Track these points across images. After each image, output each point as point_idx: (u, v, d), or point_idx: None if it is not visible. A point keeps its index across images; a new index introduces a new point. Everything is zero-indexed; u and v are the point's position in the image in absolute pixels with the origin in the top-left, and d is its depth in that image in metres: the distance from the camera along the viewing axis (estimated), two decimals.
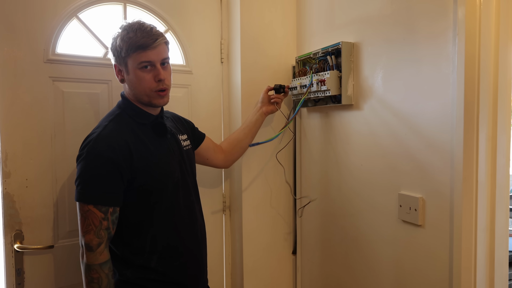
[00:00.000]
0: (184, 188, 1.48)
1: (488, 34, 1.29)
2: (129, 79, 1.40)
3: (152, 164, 1.37)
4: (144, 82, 1.37)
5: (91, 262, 1.28)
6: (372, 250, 1.64)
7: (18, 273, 1.63)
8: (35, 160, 1.66)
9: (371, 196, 1.63)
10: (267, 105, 1.89)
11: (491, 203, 1.33)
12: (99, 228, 1.28)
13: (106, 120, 1.40)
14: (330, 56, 1.73)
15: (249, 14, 1.99)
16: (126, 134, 1.36)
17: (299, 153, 2.10)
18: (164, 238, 1.41)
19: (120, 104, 1.47)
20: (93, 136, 1.33)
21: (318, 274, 1.99)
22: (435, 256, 1.37)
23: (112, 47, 1.40)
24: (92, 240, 1.28)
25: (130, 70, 1.37)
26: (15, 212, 1.62)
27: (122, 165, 1.30)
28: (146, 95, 1.39)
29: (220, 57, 2.09)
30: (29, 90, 1.64)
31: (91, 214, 1.28)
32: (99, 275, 1.28)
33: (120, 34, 1.37)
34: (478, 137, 1.28)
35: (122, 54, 1.36)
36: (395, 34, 1.50)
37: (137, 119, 1.42)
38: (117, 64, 1.41)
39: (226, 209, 2.14)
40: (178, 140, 1.54)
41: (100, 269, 1.28)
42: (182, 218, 1.46)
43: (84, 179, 1.30)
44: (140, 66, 1.35)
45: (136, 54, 1.34)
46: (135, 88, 1.39)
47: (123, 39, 1.35)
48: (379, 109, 1.58)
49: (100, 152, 1.29)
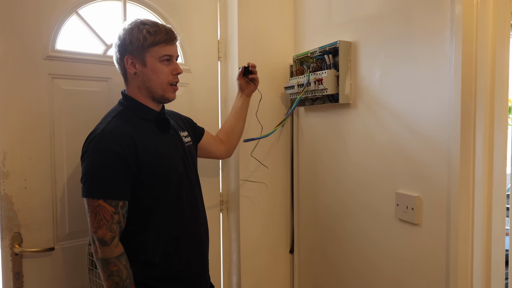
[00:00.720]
0: (187, 184, 1.49)
1: (485, 33, 1.29)
2: (145, 72, 1.41)
3: (156, 159, 1.37)
4: (162, 74, 1.42)
5: (108, 255, 1.28)
6: (369, 249, 1.64)
7: (17, 277, 1.59)
8: (34, 159, 1.62)
9: (368, 195, 1.63)
10: (246, 87, 1.90)
11: (488, 202, 1.33)
12: (111, 222, 1.28)
13: (109, 117, 1.39)
14: (328, 55, 1.73)
15: (247, 13, 1.99)
16: (131, 129, 1.36)
17: (297, 152, 2.10)
18: (167, 233, 1.41)
19: (122, 102, 1.46)
20: (97, 131, 1.33)
21: (316, 272, 2.00)
22: (432, 255, 1.37)
23: (125, 40, 1.40)
24: (106, 235, 1.27)
25: (149, 62, 1.40)
26: (13, 214, 1.58)
27: (129, 159, 1.30)
28: (162, 88, 1.43)
29: (218, 56, 2.09)
30: (27, 87, 1.60)
31: (101, 209, 1.27)
32: (118, 267, 1.28)
33: (138, 27, 1.39)
34: (475, 136, 1.29)
35: (144, 45, 1.38)
36: (393, 33, 1.50)
37: (141, 114, 1.43)
38: (131, 56, 1.40)
39: (224, 207, 2.14)
40: (180, 136, 1.55)
41: (118, 261, 1.28)
42: (186, 213, 1.47)
43: (92, 174, 1.29)
44: (162, 59, 1.40)
45: (159, 48, 1.39)
46: (151, 80, 1.41)
47: (149, 32, 1.38)
48: (376, 108, 1.58)
49: (106, 146, 1.29)
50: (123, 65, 1.43)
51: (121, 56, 1.42)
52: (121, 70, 1.46)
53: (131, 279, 1.31)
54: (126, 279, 1.30)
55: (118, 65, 1.46)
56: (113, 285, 1.29)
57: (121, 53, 1.42)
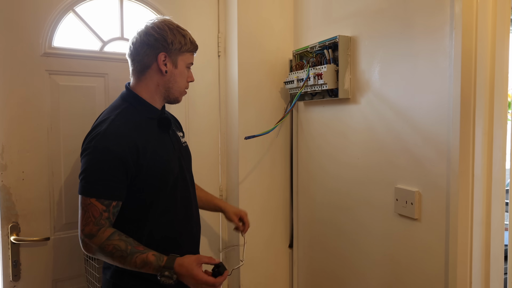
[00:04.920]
0: (182, 184, 1.49)
1: (485, 28, 1.29)
2: (174, 73, 1.43)
3: (156, 161, 1.37)
4: (184, 79, 1.48)
5: (99, 243, 1.28)
6: (368, 244, 1.65)
7: (15, 265, 1.64)
8: (31, 153, 1.66)
9: (368, 190, 1.64)
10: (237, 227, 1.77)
11: (487, 197, 1.33)
12: (99, 218, 1.28)
13: (112, 114, 1.38)
14: (327, 50, 1.73)
15: (246, 8, 1.98)
16: (133, 129, 1.35)
17: (296, 147, 2.10)
18: (160, 233, 1.41)
19: (125, 97, 1.45)
20: (100, 130, 1.32)
21: (315, 267, 2.00)
22: (431, 250, 1.38)
23: (165, 37, 1.39)
24: (92, 229, 1.28)
25: (180, 65, 1.44)
26: (11, 204, 1.63)
27: (129, 161, 1.30)
28: (180, 91, 1.48)
29: (217, 51, 2.09)
30: (25, 83, 1.64)
31: (92, 207, 1.28)
32: (112, 245, 1.28)
33: (177, 30, 1.42)
34: (474, 131, 1.29)
35: (182, 49, 1.43)
36: (393, 28, 1.49)
37: (145, 113, 1.42)
38: (167, 55, 1.40)
39: None
40: (178, 136, 1.55)
41: (109, 240, 1.28)
42: (179, 213, 1.47)
43: (89, 173, 1.29)
44: (188, 65, 1.48)
45: (190, 54, 1.47)
46: (176, 82, 1.45)
47: (184, 37, 1.43)
48: (376, 103, 1.58)
49: (107, 147, 1.29)
50: (150, 60, 1.40)
51: (154, 51, 1.39)
52: (140, 63, 1.41)
53: (132, 244, 1.29)
54: (127, 247, 1.28)
55: (139, 57, 1.41)
56: (120, 261, 1.28)
57: (155, 48, 1.39)
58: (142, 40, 1.40)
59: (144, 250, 1.29)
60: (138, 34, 1.41)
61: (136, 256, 1.27)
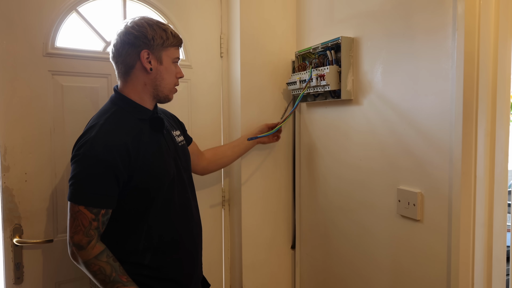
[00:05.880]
0: (180, 185, 1.47)
1: (488, 29, 1.29)
2: (160, 70, 1.41)
3: (149, 163, 1.35)
4: (172, 76, 1.45)
5: (86, 258, 1.28)
6: (370, 245, 1.65)
7: (17, 267, 1.63)
8: (34, 154, 1.65)
9: (370, 191, 1.63)
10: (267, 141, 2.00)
11: (489, 198, 1.33)
12: (89, 228, 1.27)
13: (101, 119, 1.35)
14: (330, 51, 1.73)
15: (248, 8, 1.98)
16: (124, 133, 1.33)
17: (298, 148, 2.11)
18: (158, 235, 1.40)
19: (115, 100, 1.42)
20: (89, 136, 1.29)
21: (317, 268, 2.00)
22: (433, 251, 1.38)
23: (145, 34, 1.37)
24: (82, 240, 1.27)
25: (165, 61, 1.42)
26: (14, 206, 1.62)
27: (119, 167, 1.28)
28: (169, 88, 1.46)
29: (219, 52, 2.09)
30: (28, 84, 1.63)
31: (80, 215, 1.27)
32: (98, 266, 1.28)
33: (157, 25, 1.40)
34: (476, 133, 1.29)
35: (165, 44, 1.40)
36: (395, 29, 1.49)
37: (136, 114, 1.40)
38: (150, 52, 1.38)
39: (226, 203, 2.14)
40: (173, 136, 1.53)
41: (97, 260, 1.28)
42: (178, 215, 1.45)
43: (78, 179, 1.27)
44: (174, 60, 1.45)
45: (174, 49, 1.44)
46: (163, 79, 1.43)
47: (165, 31, 1.41)
48: (378, 104, 1.58)
49: (96, 154, 1.27)
50: (133, 59, 1.38)
51: (135, 50, 1.37)
52: (124, 64, 1.39)
53: (117, 271, 1.30)
54: (111, 273, 1.28)
55: (121, 58, 1.39)
56: (100, 283, 1.29)
57: (136, 46, 1.37)
58: (123, 40, 1.38)
59: (127, 282, 1.30)
60: (118, 35, 1.39)
61: (116, 287, 1.28)
